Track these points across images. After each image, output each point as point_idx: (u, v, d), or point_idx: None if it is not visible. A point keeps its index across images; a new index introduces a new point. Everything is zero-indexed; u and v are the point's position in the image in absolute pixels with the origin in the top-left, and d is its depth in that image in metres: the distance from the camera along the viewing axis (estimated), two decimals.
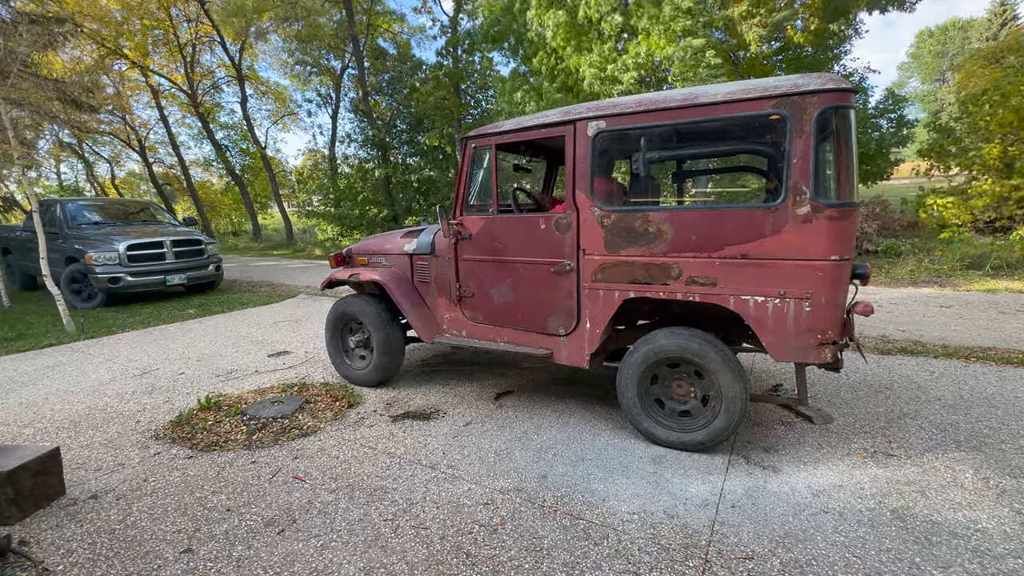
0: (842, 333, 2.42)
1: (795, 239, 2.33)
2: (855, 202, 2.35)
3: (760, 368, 4.00)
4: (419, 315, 3.68)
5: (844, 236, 2.30)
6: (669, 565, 1.88)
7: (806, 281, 2.33)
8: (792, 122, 2.29)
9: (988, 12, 37.14)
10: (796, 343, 2.41)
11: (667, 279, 2.66)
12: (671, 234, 2.62)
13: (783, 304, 2.40)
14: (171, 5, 18.70)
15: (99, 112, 17.78)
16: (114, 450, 3.00)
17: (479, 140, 3.30)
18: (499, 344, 3.38)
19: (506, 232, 3.22)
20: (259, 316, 6.92)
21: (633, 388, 2.82)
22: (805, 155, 2.28)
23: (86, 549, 2.10)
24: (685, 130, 2.67)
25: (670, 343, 2.71)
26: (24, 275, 10.25)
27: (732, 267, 2.49)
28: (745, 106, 2.40)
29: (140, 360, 4.93)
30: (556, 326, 3.09)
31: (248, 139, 23.51)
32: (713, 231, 2.53)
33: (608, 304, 2.85)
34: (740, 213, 2.50)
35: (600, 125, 2.76)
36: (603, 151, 2.88)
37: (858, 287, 2.64)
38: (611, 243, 2.79)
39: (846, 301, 2.42)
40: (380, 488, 2.48)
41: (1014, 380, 3.50)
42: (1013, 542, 1.92)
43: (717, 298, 2.56)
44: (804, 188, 2.29)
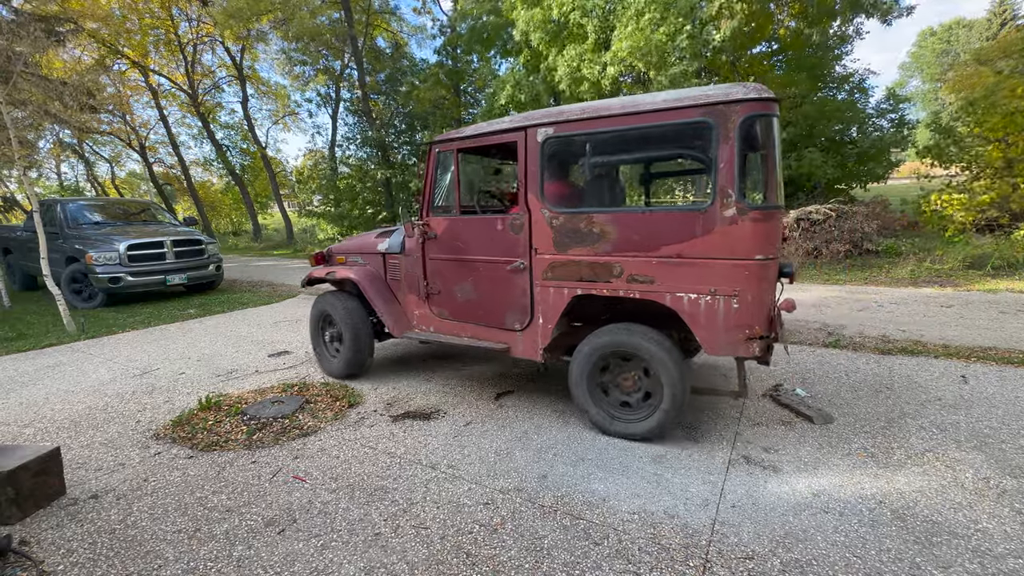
0: (769, 328, 2.53)
1: (723, 240, 2.47)
2: (778, 205, 2.50)
3: (760, 368, 4.00)
4: (390, 311, 3.87)
5: (768, 237, 2.45)
6: (669, 565, 1.88)
7: (734, 279, 2.47)
8: (718, 129, 2.42)
9: (988, 12, 37.13)
10: (726, 338, 2.55)
11: (610, 277, 2.81)
12: (613, 235, 2.77)
13: (714, 301, 2.54)
14: (172, 5, 18.71)
15: (99, 112, 17.79)
16: (114, 450, 3.00)
17: (442, 145, 3.48)
18: (463, 339, 3.55)
19: (467, 232, 3.39)
20: (259, 316, 6.93)
21: (583, 381, 2.97)
22: (730, 161, 2.41)
23: (86, 549, 2.10)
24: (626, 136, 2.79)
25: (613, 338, 2.86)
26: (24, 275, 10.25)
27: (668, 266, 2.64)
28: (677, 114, 2.54)
29: (140, 360, 4.93)
30: (513, 322, 3.25)
31: (248, 139, 23.53)
32: (651, 232, 2.68)
33: (558, 301, 3.01)
34: (674, 215, 2.67)
35: (548, 132, 2.92)
36: (551, 156, 3.01)
37: (784, 285, 2.75)
38: (560, 243, 2.94)
39: (772, 298, 2.55)
40: (380, 488, 2.48)
41: (1014, 380, 3.50)
42: (1013, 542, 1.92)
43: (655, 295, 2.71)
44: (730, 192, 2.43)
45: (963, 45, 37.92)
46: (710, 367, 4.10)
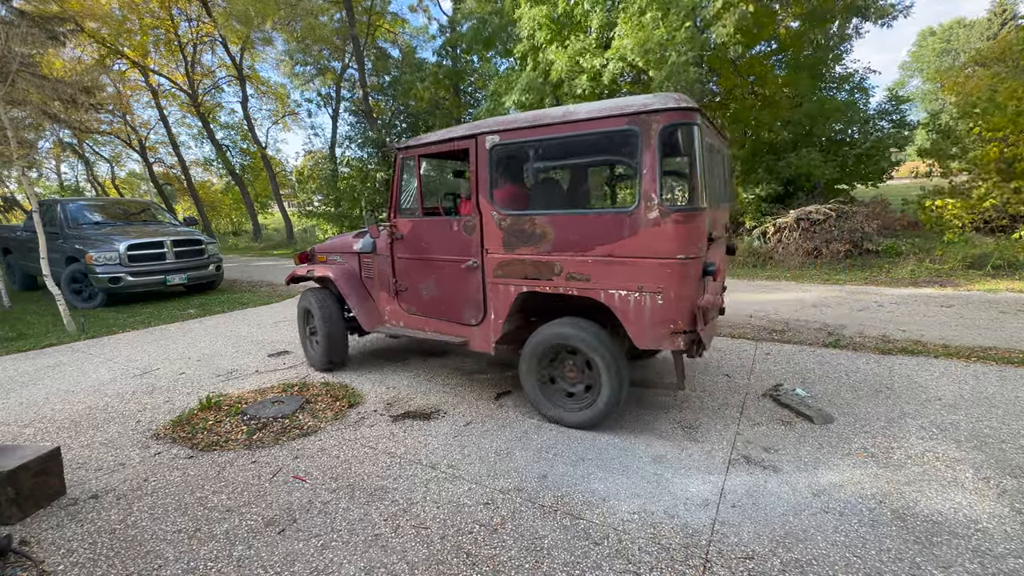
0: (692, 323, 2.66)
1: (648, 240, 2.63)
2: (698, 207, 2.60)
3: (760, 368, 4.00)
4: (363, 307, 4.11)
5: (690, 237, 2.59)
6: (669, 565, 1.88)
7: (658, 277, 2.64)
8: (641, 137, 2.58)
9: (988, 12, 37.12)
10: (652, 332, 2.70)
11: (551, 275, 2.98)
12: (553, 235, 2.94)
13: (641, 297, 2.71)
14: (172, 5, 18.71)
15: (99, 112, 17.79)
16: (114, 450, 3.00)
17: (406, 151, 3.67)
18: (428, 333, 3.74)
19: (429, 233, 3.60)
20: (259, 316, 6.93)
21: (531, 372, 3.17)
22: (652, 166, 2.57)
23: (86, 549, 2.10)
24: (564, 143, 2.95)
25: (556, 332, 3.05)
26: (24, 275, 10.25)
27: (601, 264, 2.80)
28: (606, 123, 2.70)
29: (140, 360, 4.93)
30: (469, 317, 3.45)
31: (248, 139, 23.52)
32: (586, 233, 2.84)
33: (507, 297, 3.19)
34: (605, 217, 2.81)
35: (496, 139, 3.09)
36: (499, 162, 3.19)
37: (707, 283, 2.83)
38: (508, 243, 3.12)
39: (695, 295, 2.66)
40: (380, 488, 2.48)
41: (1014, 380, 3.50)
42: (1014, 542, 1.92)
43: (591, 292, 2.87)
44: (653, 195, 2.58)
45: (963, 45, 37.92)
46: (713, 369, 4.10)
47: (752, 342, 4.73)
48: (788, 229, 9.71)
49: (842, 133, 11.87)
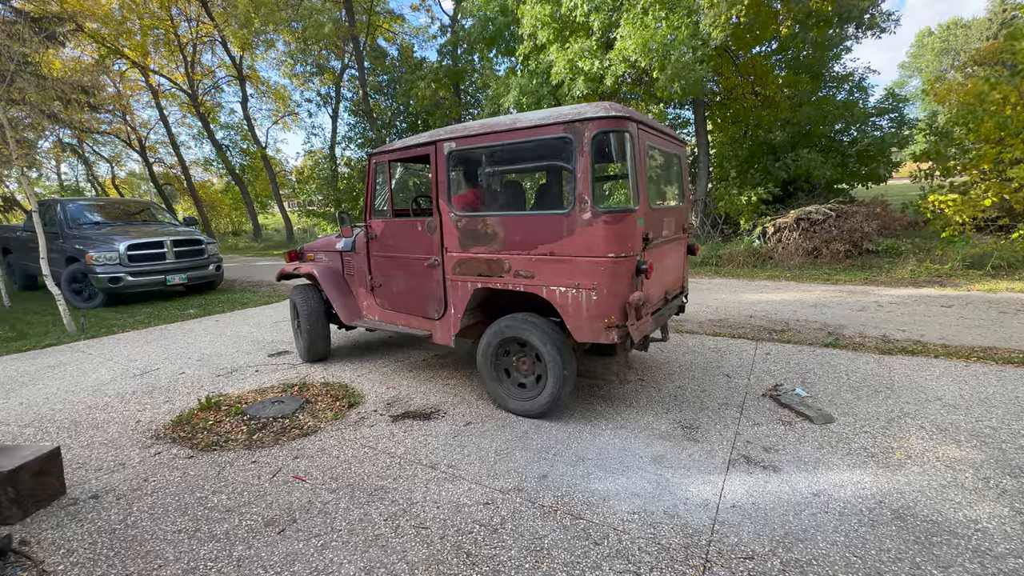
0: (624, 318, 2.81)
1: (583, 240, 2.81)
2: (628, 208, 2.79)
3: (760, 368, 4.00)
4: (343, 302, 4.33)
5: (620, 237, 2.76)
6: (669, 565, 1.88)
7: (592, 274, 2.81)
8: (575, 143, 2.76)
9: (988, 12, 37.10)
10: (589, 326, 2.87)
11: (501, 272, 3.18)
12: (502, 235, 3.14)
13: (578, 293, 2.88)
14: (172, 5, 18.70)
15: (99, 112, 17.79)
16: (115, 450, 3.00)
17: (378, 156, 3.91)
18: (399, 326, 3.97)
19: (398, 233, 3.82)
20: (259, 316, 6.93)
21: (486, 363, 3.37)
22: (585, 170, 2.74)
23: (86, 549, 2.10)
24: (511, 149, 3.15)
25: (507, 326, 3.24)
26: (25, 275, 10.25)
27: (543, 262, 2.99)
28: (545, 130, 2.87)
29: (140, 360, 4.93)
30: (432, 311, 3.66)
31: (248, 139, 23.52)
32: (530, 233, 3.03)
33: (464, 293, 3.39)
34: (546, 218, 2.98)
35: (452, 145, 3.29)
36: (455, 166, 3.42)
37: (641, 280, 2.95)
38: (464, 243, 3.33)
39: (627, 291, 2.81)
40: (380, 488, 2.48)
41: (1014, 380, 3.50)
42: (1014, 542, 1.92)
43: (535, 288, 3.06)
44: (586, 198, 2.76)
45: (961, 45, 37.91)
46: (713, 369, 4.10)
47: (752, 342, 4.73)
48: (788, 229, 9.71)
49: (842, 133, 11.87)
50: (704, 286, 7.93)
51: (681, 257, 3.87)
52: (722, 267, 9.60)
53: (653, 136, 3.20)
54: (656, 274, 3.20)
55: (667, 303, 3.57)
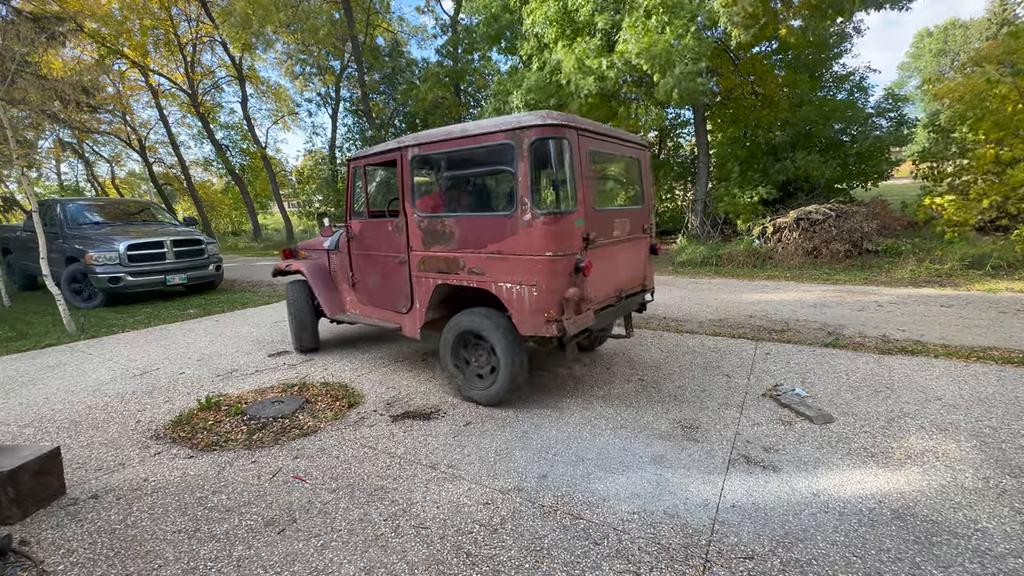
0: (560, 312, 3.00)
1: (524, 239, 3.01)
2: (564, 211, 2.99)
3: (760, 368, 4.00)
4: (328, 297, 4.61)
5: (557, 237, 2.96)
6: (669, 565, 1.88)
7: (532, 271, 3.02)
8: (517, 150, 2.95)
9: (988, 11, 37.10)
10: (531, 320, 3.06)
11: (457, 270, 3.41)
12: (457, 235, 3.37)
13: (521, 289, 3.09)
14: (172, 5, 18.70)
15: (99, 112, 17.79)
16: (114, 450, 3.00)
17: (355, 162, 4.16)
18: (374, 320, 4.22)
19: (373, 233, 4.07)
20: (259, 316, 6.92)
21: (447, 354, 3.59)
22: (525, 175, 2.93)
23: (86, 549, 2.10)
24: (464, 155, 3.38)
25: (465, 320, 3.45)
26: (24, 275, 10.25)
27: (492, 260, 3.20)
28: (491, 137, 3.09)
29: (140, 360, 4.93)
30: (400, 306, 3.91)
31: (248, 139, 23.51)
32: (481, 232, 3.25)
33: (427, 288, 3.63)
34: (494, 219, 3.21)
35: (415, 151, 3.52)
36: (418, 171, 3.65)
37: (579, 277, 3.11)
38: (426, 242, 3.57)
39: (565, 288, 3.00)
40: (380, 488, 2.48)
41: (1014, 380, 3.50)
42: (1013, 542, 1.92)
43: (485, 284, 3.26)
44: (526, 200, 2.96)
45: (960, 46, 37.90)
46: (713, 369, 4.10)
47: (752, 342, 4.73)
48: (788, 229, 9.71)
49: (842, 133, 11.87)
50: (704, 286, 7.93)
51: (640, 257, 4.02)
52: (722, 267, 9.61)
53: (602, 141, 3.39)
54: (604, 272, 3.41)
55: (621, 300, 3.72)
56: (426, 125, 18.86)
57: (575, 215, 3.04)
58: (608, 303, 3.55)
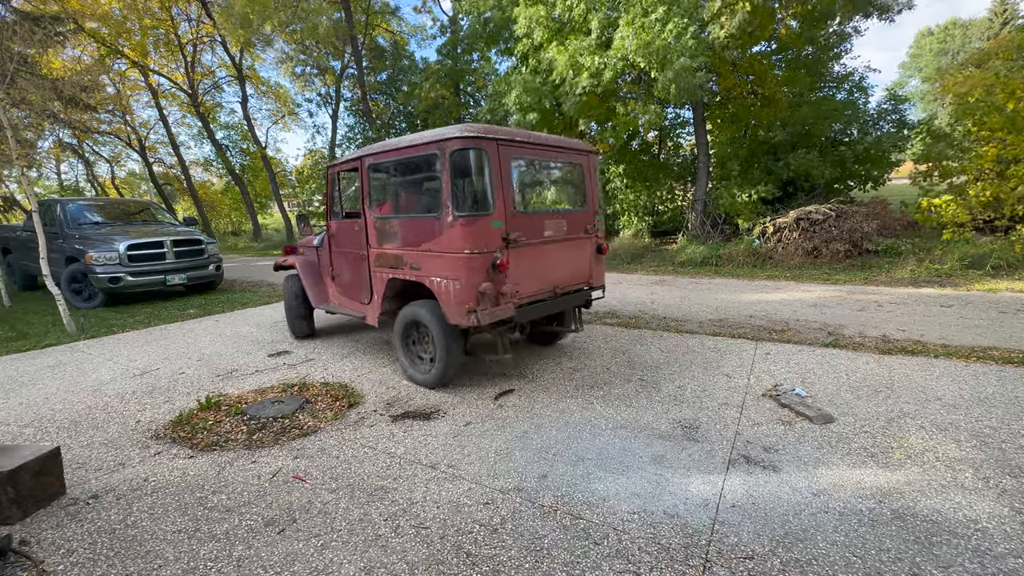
0: (478, 303, 3.32)
1: (448, 238, 3.38)
2: (481, 213, 3.34)
3: (760, 368, 4.00)
4: (313, 289, 5.08)
5: (475, 236, 3.31)
6: (669, 565, 1.88)
7: (454, 267, 3.37)
8: (440, 159, 3.34)
9: (988, 11, 37.09)
10: (455, 310, 3.41)
11: (402, 265, 3.80)
12: (401, 234, 3.80)
13: (447, 284, 3.44)
14: (172, 5, 18.69)
15: (98, 111, 17.78)
16: (114, 450, 3.00)
17: (332, 169, 4.67)
18: (347, 310, 4.67)
19: (345, 232, 4.51)
20: (259, 316, 6.92)
21: (398, 341, 4.00)
22: (447, 181, 3.31)
23: (86, 549, 2.10)
24: (404, 163, 3.81)
25: (410, 311, 3.83)
26: (24, 275, 10.25)
27: (426, 257, 3.58)
28: (422, 148, 3.51)
29: (140, 360, 4.93)
30: (363, 297, 4.35)
31: (248, 139, 23.51)
32: (418, 232, 3.64)
33: (382, 282, 4.03)
34: (427, 221, 3.56)
35: (371, 160, 3.98)
36: (373, 177, 4.09)
37: (496, 273, 3.42)
38: (380, 240, 3.99)
39: (482, 282, 3.33)
40: (380, 488, 2.48)
41: (1014, 380, 3.50)
42: (1013, 542, 1.92)
43: (422, 278, 3.64)
44: (448, 204, 3.32)
45: (960, 45, 37.86)
46: (713, 369, 4.10)
47: (752, 342, 4.73)
48: (788, 229, 9.71)
49: (841, 133, 11.86)
50: (704, 286, 7.93)
51: (583, 256, 4.24)
52: (722, 267, 9.60)
53: (532, 150, 3.74)
54: (532, 270, 3.73)
55: (557, 297, 3.98)
56: (426, 125, 18.87)
57: (492, 217, 3.36)
58: (540, 298, 3.83)
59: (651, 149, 14.80)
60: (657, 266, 10.40)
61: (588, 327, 5.58)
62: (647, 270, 10.11)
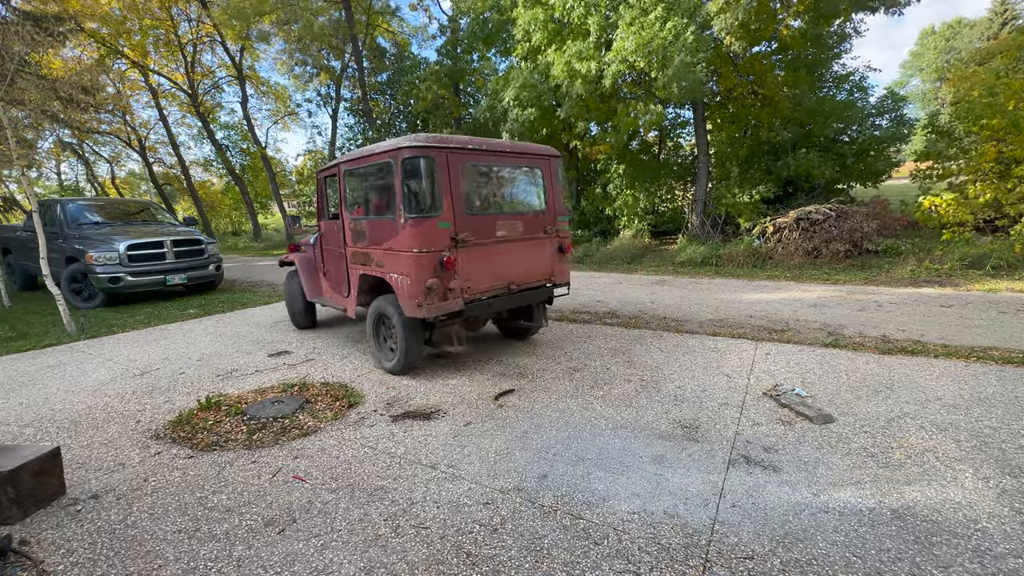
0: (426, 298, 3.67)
1: (401, 238, 3.74)
2: (428, 215, 3.65)
3: (760, 368, 4.00)
4: (308, 283, 5.53)
5: (423, 236, 3.65)
6: (669, 565, 1.88)
7: (406, 264, 3.73)
8: (394, 166, 3.72)
9: (989, 11, 37.08)
10: (409, 303, 3.75)
11: (369, 262, 4.20)
12: (368, 234, 4.18)
13: (402, 279, 3.80)
14: (172, 5, 18.70)
15: (99, 111, 17.78)
16: (114, 450, 3.00)
17: (319, 173, 5.05)
18: (333, 303, 5.10)
19: (331, 232, 4.90)
20: (259, 316, 6.92)
21: (370, 331, 4.40)
22: (399, 187, 3.68)
23: (86, 549, 2.10)
24: (370, 169, 4.15)
25: (378, 304, 4.23)
26: (25, 275, 10.25)
27: (387, 255, 3.95)
28: (379, 157, 3.89)
29: (140, 360, 4.93)
30: (344, 291, 4.74)
31: (248, 139, 23.51)
32: (380, 232, 4.01)
33: (356, 277, 4.43)
34: (387, 222, 3.91)
35: (345, 167, 4.41)
36: (348, 182, 4.50)
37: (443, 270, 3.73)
38: (354, 239, 4.39)
39: (429, 278, 3.66)
40: (380, 488, 2.48)
41: (1014, 380, 3.49)
42: (1013, 542, 1.92)
43: (384, 274, 4.01)
44: (400, 207, 3.69)
45: (966, 43, 37.80)
46: (713, 369, 4.10)
47: (752, 342, 4.73)
48: (788, 229, 9.71)
49: (841, 132, 11.86)
50: (704, 286, 7.93)
51: (543, 255, 4.53)
52: (722, 267, 9.60)
53: (485, 156, 4.05)
54: (485, 267, 4.01)
55: (513, 293, 4.27)
56: (426, 125, 18.86)
57: (439, 219, 3.68)
58: (494, 294, 4.11)
59: (651, 149, 14.80)
60: (657, 266, 10.40)
61: (588, 327, 5.58)
62: (647, 270, 10.11)
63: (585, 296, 7.41)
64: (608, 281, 8.94)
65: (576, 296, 7.38)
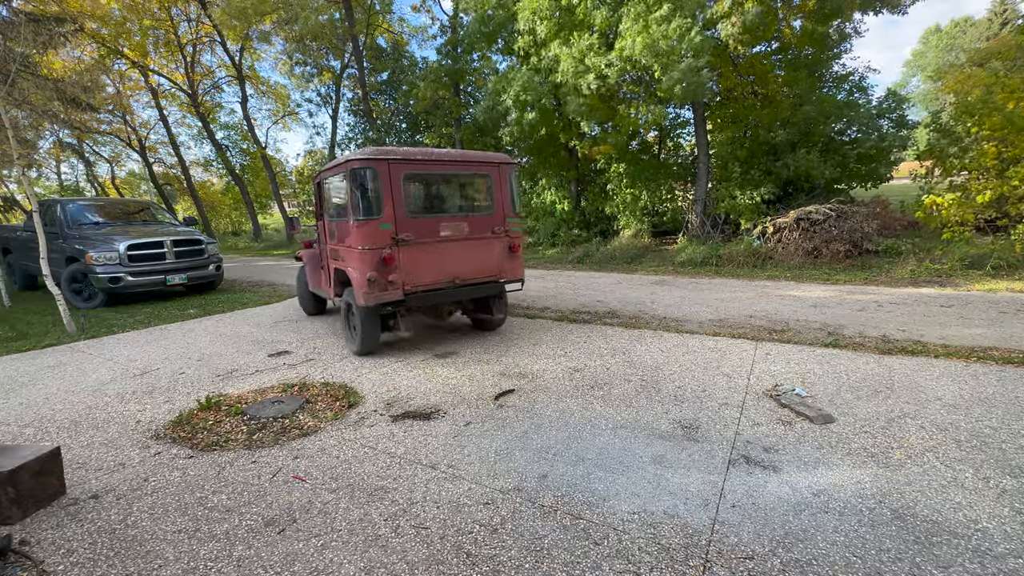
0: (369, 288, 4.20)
1: (353, 237, 4.34)
2: (370, 218, 4.22)
3: (760, 368, 4.00)
4: (311, 276, 6.28)
5: (366, 235, 4.22)
6: (669, 565, 1.88)
7: (355, 259, 4.33)
8: (347, 175, 4.31)
9: (988, 11, 37.07)
10: (359, 293, 4.29)
11: (338, 258, 4.81)
12: (336, 233, 4.84)
13: (352, 271, 4.40)
14: (172, 5, 18.70)
15: (99, 111, 17.78)
16: (114, 450, 3.00)
17: (315, 177, 5.49)
18: (326, 293, 5.71)
19: (321, 231, 5.59)
20: (259, 316, 6.92)
21: (343, 318, 4.98)
22: (352, 193, 4.28)
23: (86, 549, 2.10)
24: (335, 179, 4.73)
25: (346, 294, 4.72)
26: (25, 275, 10.25)
27: (346, 250, 4.58)
28: (341, 167, 4.46)
29: (140, 360, 4.93)
30: (326, 283, 5.40)
31: (248, 139, 23.51)
32: (342, 232, 4.64)
33: (331, 270, 5.06)
34: (345, 224, 4.49)
35: (323, 175, 5.09)
36: (324, 189, 5.19)
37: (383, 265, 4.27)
38: (331, 238, 5.07)
39: (371, 272, 4.19)
40: (380, 488, 2.48)
41: (1014, 380, 3.49)
42: (1014, 542, 1.92)
43: (344, 268, 4.60)
44: (351, 209, 4.32)
45: (971, 41, 37.70)
46: (713, 369, 4.09)
47: (752, 342, 4.73)
48: (788, 229, 9.71)
49: (841, 133, 11.85)
50: (704, 286, 7.93)
51: (491, 254, 4.92)
52: (722, 267, 9.60)
53: (431, 166, 4.61)
54: (427, 264, 4.48)
55: (458, 287, 4.70)
56: (426, 125, 18.85)
57: (381, 220, 4.21)
58: (437, 287, 4.58)
59: (651, 149, 14.79)
60: (657, 266, 10.40)
61: (589, 327, 5.58)
62: (647, 270, 10.11)
63: (585, 296, 7.41)
64: (608, 281, 8.94)
65: (576, 296, 7.38)
